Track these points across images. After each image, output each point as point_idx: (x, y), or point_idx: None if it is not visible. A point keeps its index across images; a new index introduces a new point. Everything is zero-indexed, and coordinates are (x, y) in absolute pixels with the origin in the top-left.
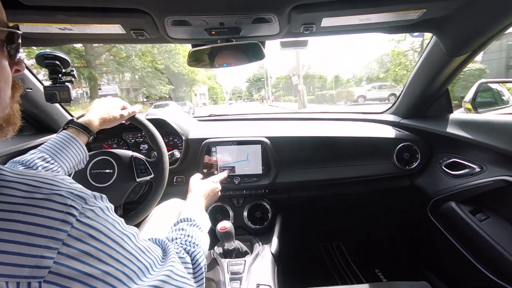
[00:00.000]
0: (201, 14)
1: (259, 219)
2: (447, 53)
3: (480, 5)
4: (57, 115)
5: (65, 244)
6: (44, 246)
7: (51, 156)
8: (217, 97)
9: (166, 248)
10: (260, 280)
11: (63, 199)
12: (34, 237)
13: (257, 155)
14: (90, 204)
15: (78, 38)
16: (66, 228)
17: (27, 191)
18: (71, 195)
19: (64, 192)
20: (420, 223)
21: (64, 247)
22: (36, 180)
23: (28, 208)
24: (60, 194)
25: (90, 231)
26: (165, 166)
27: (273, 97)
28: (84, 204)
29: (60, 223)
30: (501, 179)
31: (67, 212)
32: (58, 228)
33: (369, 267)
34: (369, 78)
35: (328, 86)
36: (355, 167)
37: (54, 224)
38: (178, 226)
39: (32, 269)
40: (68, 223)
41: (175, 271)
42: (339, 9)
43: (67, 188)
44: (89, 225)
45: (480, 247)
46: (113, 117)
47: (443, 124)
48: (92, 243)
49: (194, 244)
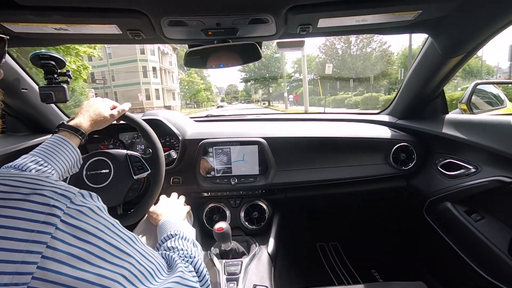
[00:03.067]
0: (198, 14)
1: (256, 219)
2: (443, 54)
3: (475, 6)
4: (52, 116)
5: (50, 247)
6: (25, 251)
7: (44, 160)
8: (197, 96)
9: (171, 259)
10: (256, 280)
11: (45, 199)
12: (12, 242)
13: (254, 156)
14: (76, 203)
15: (74, 38)
16: (49, 230)
17: (4, 191)
18: (54, 194)
19: (46, 192)
20: (416, 223)
21: (49, 250)
22: (16, 180)
23: (4, 210)
24: (41, 194)
25: (78, 232)
26: (161, 161)
27: (293, 96)
28: (69, 204)
29: (41, 225)
30: (496, 180)
31: (49, 213)
32: (40, 230)
33: (366, 267)
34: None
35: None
36: (352, 167)
37: (35, 226)
38: (164, 245)
39: (12, 275)
40: (51, 225)
41: (185, 279)
42: (336, 10)
43: (49, 187)
44: (76, 226)
45: (475, 247)
46: (103, 117)
47: (439, 124)
48: (81, 245)
49: (190, 256)
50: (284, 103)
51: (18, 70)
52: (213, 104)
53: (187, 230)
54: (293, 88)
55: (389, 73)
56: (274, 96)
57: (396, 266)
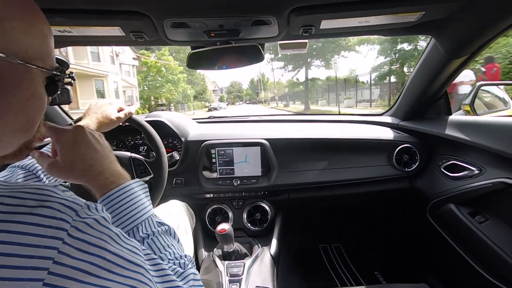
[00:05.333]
0: (201, 16)
1: (258, 221)
2: (446, 55)
3: (478, 7)
4: (56, 117)
5: (56, 262)
6: (30, 267)
7: None
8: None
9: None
10: (259, 282)
11: (52, 211)
12: (18, 259)
13: (256, 157)
14: (82, 216)
15: (77, 40)
16: (56, 245)
17: (10, 204)
18: (61, 207)
19: (53, 204)
20: (419, 225)
21: (56, 266)
22: (22, 191)
23: (10, 226)
24: (48, 207)
25: (84, 246)
26: (164, 166)
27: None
28: (75, 217)
29: (48, 239)
30: (500, 181)
31: (56, 227)
32: (47, 245)
33: (369, 269)
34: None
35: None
36: (354, 169)
37: (42, 241)
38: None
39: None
40: (58, 239)
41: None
42: (338, 12)
43: (57, 199)
44: (82, 239)
45: (479, 249)
46: (110, 120)
47: (442, 126)
48: (89, 259)
49: (180, 256)
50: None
51: None
52: (206, 106)
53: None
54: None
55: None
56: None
57: (399, 268)
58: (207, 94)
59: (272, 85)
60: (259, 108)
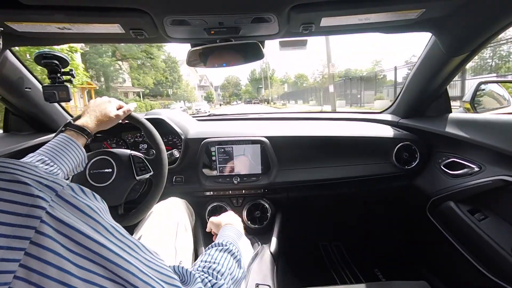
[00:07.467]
0: (200, 13)
1: (258, 218)
2: (446, 53)
3: (479, 4)
4: (56, 115)
5: (34, 243)
6: (5, 247)
7: (50, 159)
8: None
9: (189, 275)
10: (259, 280)
11: (27, 188)
12: None
13: (256, 155)
14: (64, 197)
15: (77, 37)
16: (33, 223)
17: None
18: (38, 185)
19: (28, 180)
20: (419, 223)
21: (33, 247)
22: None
23: None
24: (22, 182)
25: (66, 230)
26: (164, 163)
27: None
28: (54, 197)
29: (24, 218)
30: (500, 179)
31: (33, 205)
32: (22, 224)
33: (368, 266)
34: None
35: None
36: (354, 166)
37: (17, 220)
38: (208, 251)
39: None
40: (35, 218)
41: None
42: (338, 9)
43: (33, 176)
44: (64, 222)
45: (479, 246)
46: (109, 118)
47: (442, 123)
48: (70, 245)
49: (218, 274)
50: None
51: (22, 70)
52: (186, 106)
53: (242, 247)
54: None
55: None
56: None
57: (399, 266)
58: (183, 89)
59: (278, 81)
60: (264, 110)
